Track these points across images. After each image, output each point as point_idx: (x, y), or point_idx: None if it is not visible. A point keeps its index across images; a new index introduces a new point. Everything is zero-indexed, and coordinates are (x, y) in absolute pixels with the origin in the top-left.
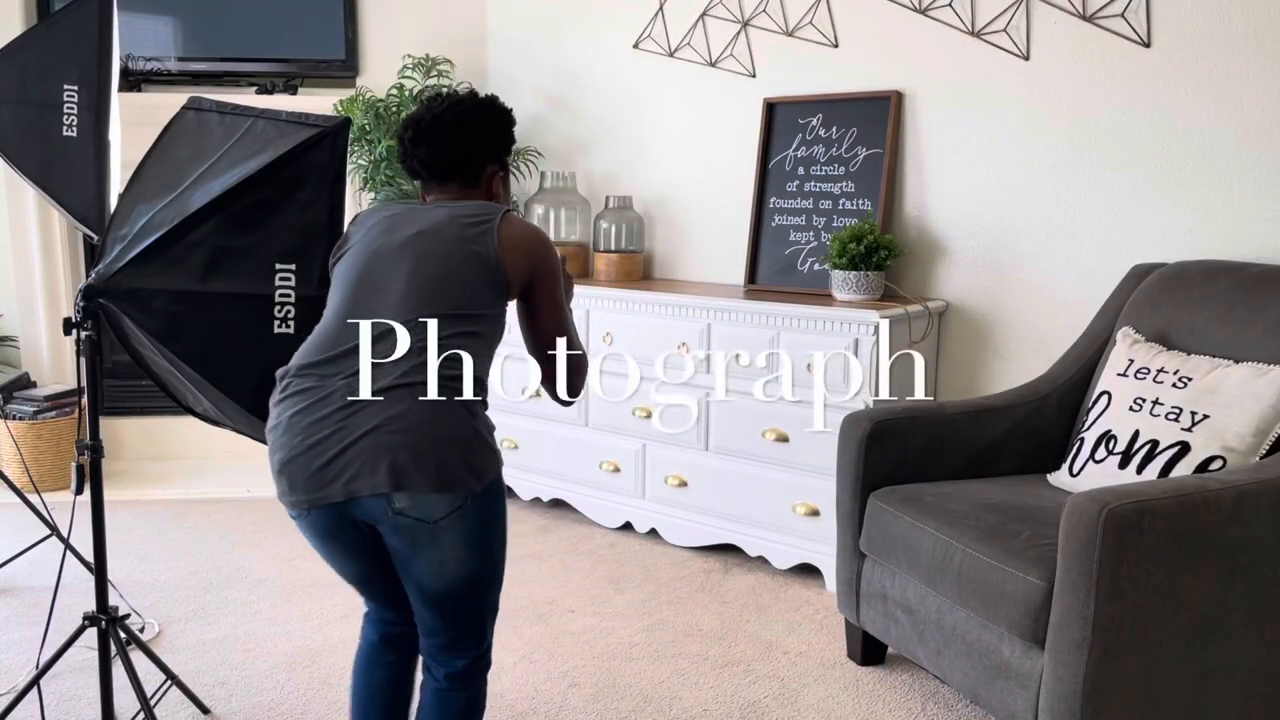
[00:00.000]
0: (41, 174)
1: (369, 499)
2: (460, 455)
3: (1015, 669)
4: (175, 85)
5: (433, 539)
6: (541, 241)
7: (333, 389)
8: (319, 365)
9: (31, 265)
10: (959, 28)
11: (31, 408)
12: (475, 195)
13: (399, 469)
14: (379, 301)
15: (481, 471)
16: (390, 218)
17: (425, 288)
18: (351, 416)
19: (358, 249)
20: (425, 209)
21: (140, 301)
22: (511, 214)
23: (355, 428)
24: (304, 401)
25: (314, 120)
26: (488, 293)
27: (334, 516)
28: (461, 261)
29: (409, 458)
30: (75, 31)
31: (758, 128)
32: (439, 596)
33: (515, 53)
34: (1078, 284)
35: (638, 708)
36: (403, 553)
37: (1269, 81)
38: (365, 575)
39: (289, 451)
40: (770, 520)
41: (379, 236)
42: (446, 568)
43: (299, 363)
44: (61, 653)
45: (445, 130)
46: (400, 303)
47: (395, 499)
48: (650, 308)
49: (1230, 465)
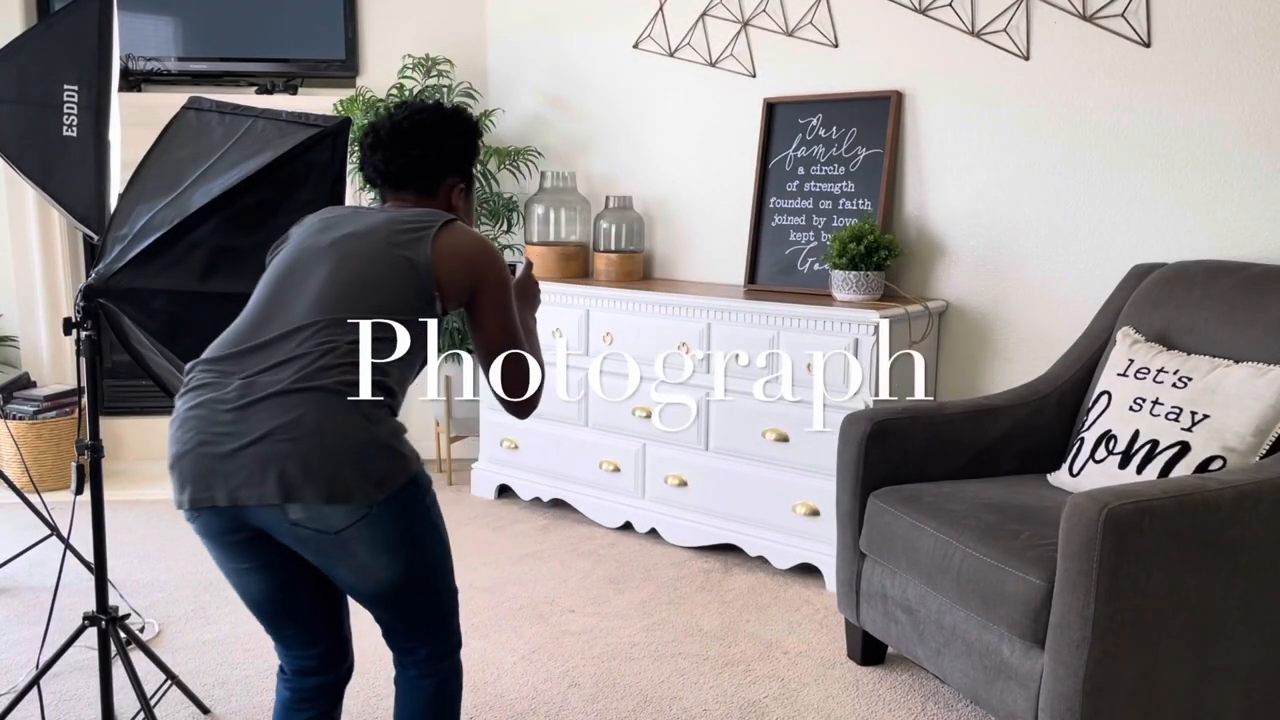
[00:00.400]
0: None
1: (260, 509)
2: (355, 464)
3: (1015, 669)
4: (175, 85)
5: (343, 548)
6: (485, 251)
7: (229, 386)
8: (222, 361)
9: (31, 265)
10: (959, 28)
11: (31, 408)
12: (432, 206)
13: (288, 480)
14: (295, 300)
15: (383, 479)
16: (329, 218)
17: (342, 289)
18: (243, 420)
19: (289, 246)
20: (367, 212)
21: (140, 301)
22: (457, 224)
23: (245, 433)
24: (200, 397)
25: (314, 120)
26: (413, 299)
27: (226, 520)
28: (386, 265)
29: (298, 468)
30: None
31: (758, 128)
32: (375, 599)
33: (515, 53)
34: (1078, 284)
35: (638, 708)
36: (319, 562)
37: (1269, 81)
38: (267, 596)
39: (179, 447)
40: (770, 520)
41: (310, 235)
42: (371, 573)
43: (206, 356)
44: (61, 653)
45: (402, 137)
46: (314, 303)
47: (289, 510)
48: (650, 308)
49: (1230, 465)
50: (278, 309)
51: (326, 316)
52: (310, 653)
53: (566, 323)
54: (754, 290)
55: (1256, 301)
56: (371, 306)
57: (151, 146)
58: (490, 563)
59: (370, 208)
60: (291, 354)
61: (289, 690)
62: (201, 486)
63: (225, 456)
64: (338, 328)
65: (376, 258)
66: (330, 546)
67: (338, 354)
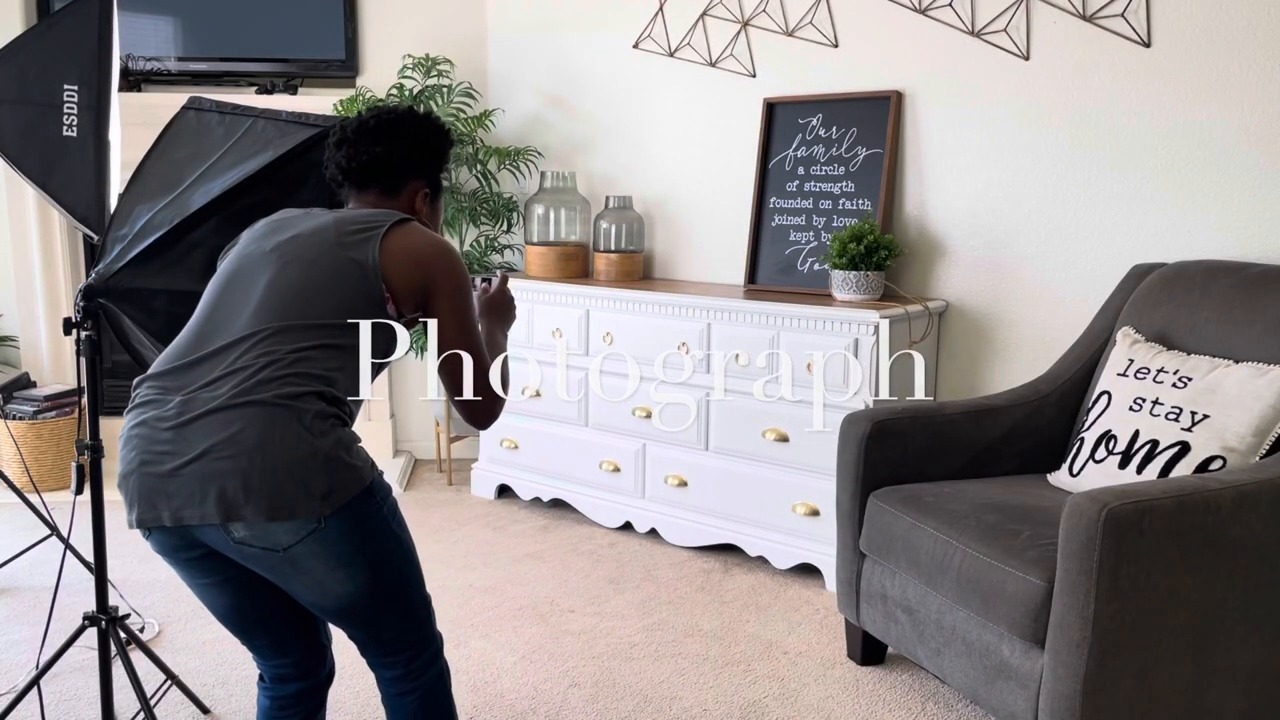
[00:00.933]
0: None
1: (205, 528)
2: (297, 479)
3: (1015, 669)
4: (175, 85)
5: (294, 565)
6: (442, 252)
7: (169, 403)
8: (164, 377)
9: (31, 265)
10: (959, 28)
11: (31, 408)
12: (394, 209)
13: (228, 500)
14: (236, 310)
15: (329, 492)
16: (276, 221)
17: (284, 295)
18: (182, 439)
19: (233, 252)
20: (316, 213)
21: (140, 301)
22: (413, 223)
23: (183, 452)
24: (143, 415)
25: (314, 120)
26: (361, 303)
27: (177, 538)
28: (332, 268)
29: (238, 486)
30: (75, 31)
31: (758, 128)
32: (339, 614)
33: (515, 53)
34: (1078, 284)
35: (638, 708)
36: (274, 579)
37: (1268, 81)
38: (234, 608)
39: (124, 466)
40: (770, 520)
41: (254, 240)
42: (330, 588)
43: (150, 371)
44: (61, 653)
45: (368, 134)
46: (255, 312)
47: (233, 529)
48: (650, 308)
49: (1230, 465)
50: (219, 320)
51: (268, 326)
52: (285, 661)
53: (566, 323)
54: (754, 290)
55: (1256, 301)
56: (316, 313)
57: (151, 146)
58: (490, 563)
59: (322, 210)
60: (231, 367)
61: (268, 698)
62: (147, 506)
63: (166, 476)
64: (279, 337)
65: (322, 261)
66: (281, 564)
67: (279, 365)
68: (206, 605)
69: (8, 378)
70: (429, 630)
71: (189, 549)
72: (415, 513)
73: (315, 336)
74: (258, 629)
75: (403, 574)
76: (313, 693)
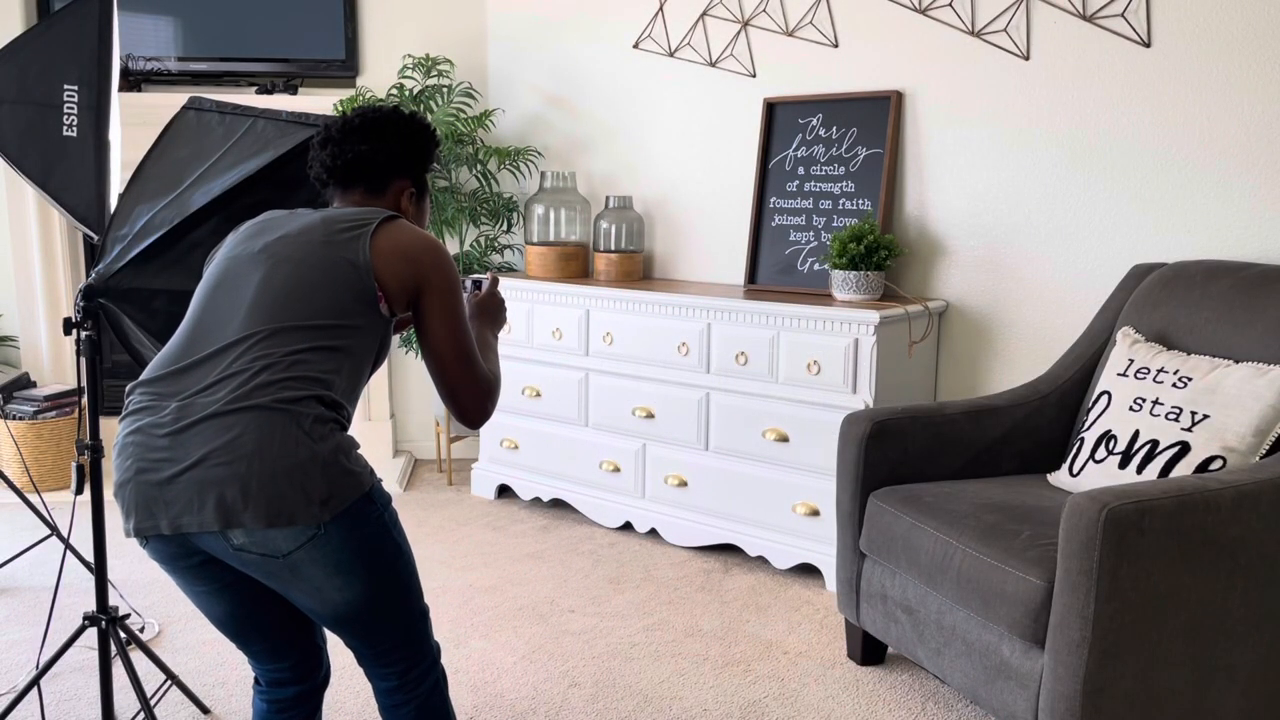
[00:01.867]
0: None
1: (203, 535)
2: (297, 485)
3: (1015, 669)
4: (175, 85)
5: (293, 571)
6: (431, 249)
7: (165, 410)
8: (157, 382)
9: (31, 265)
10: (959, 28)
11: (31, 408)
12: (380, 207)
13: (227, 506)
14: (228, 313)
15: (329, 498)
16: (263, 221)
17: (276, 297)
18: (179, 445)
19: (221, 254)
20: (302, 214)
21: (140, 301)
22: (400, 220)
23: (181, 459)
24: (138, 422)
25: (314, 120)
26: (353, 302)
27: (175, 546)
28: (323, 268)
29: (237, 493)
30: (75, 31)
31: (758, 128)
32: (335, 622)
33: (515, 53)
34: (1078, 284)
35: (638, 708)
36: (272, 586)
37: (1268, 81)
38: (230, 615)
39: (120, 475)
40: (770, 520)
41: (241, 242)
42: (327, 595)
43: (143, 377)
44: (61, 653)
45: (351, 134)
46: (248, 314)
47: (232, 536)
48: (650, 308)
49: (1230, 465)
50: (212, 324)
51: (263, 328)
52: (282, 665)
53: (566, 323)
54: (754, 290)
55: (1256, 301)
56: (309, 313)
57: (151, 146)
58: (490, 563)
59: (308, 210)
60: (227, 371)
61: (265, 701)
62: (145, 515)
63: (163, 484)
64: (275, 339)
65: (311, 261)
66: (279, 570)
67: (276, 369)
68: (203, 612)
69: (8, 378)
70: (426, 641)
71: (187, 556)
72: (415, 513)
73: (310, 338)
74: (255, 635)
75: (401, 583)
76: (309, 696)
